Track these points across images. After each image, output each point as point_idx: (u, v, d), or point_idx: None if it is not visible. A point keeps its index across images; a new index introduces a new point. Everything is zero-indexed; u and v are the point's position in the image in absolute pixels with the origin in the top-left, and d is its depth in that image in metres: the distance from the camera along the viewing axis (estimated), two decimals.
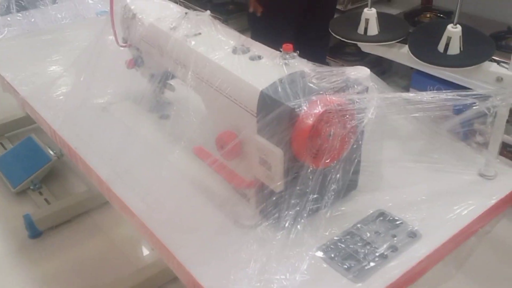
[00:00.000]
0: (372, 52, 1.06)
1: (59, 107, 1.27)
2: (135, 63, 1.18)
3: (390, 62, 2.38)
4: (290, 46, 0.87)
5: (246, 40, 0.97)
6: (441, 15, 2.43)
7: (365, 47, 1.06)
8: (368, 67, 0.89)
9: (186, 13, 1.05)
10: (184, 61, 1.00)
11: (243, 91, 0.87)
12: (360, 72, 0.91)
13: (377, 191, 0.98)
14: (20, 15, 1.65)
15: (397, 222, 0.91)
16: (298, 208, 0.85)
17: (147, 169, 1.07)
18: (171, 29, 1.03)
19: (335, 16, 2.28)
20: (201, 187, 1.03)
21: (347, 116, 0.81)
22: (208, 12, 1.06)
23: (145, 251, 2.02)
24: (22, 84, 1.42)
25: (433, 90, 1.68)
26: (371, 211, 0.94)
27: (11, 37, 1.65)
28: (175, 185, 1.04)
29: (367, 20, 1.03)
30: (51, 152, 2.33)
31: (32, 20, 1.66)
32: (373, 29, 1.04)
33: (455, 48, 0.98)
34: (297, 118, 0.79)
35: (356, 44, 1.06)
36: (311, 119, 0.78)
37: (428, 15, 2.47)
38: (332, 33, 1.08)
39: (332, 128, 0.81)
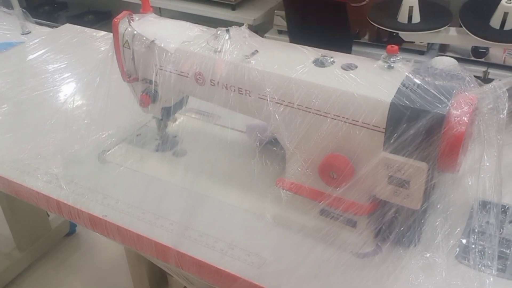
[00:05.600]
0: (416, 40, 1.01)
1: (52, 171, 1.01)
2: (151, 98, 0.97)
3: None
4: (395, 48, 0.78)
5: (317, 51, 0.85)
6: None
7: (409, 36, 1.00)
8: None
9: (227, 30, 0.89)
10: (249, 86, 0.85)
11: (360, 107, 0.76)
12: (451, 64, 0.85)
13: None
14: None
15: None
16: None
17: (205, 217, 0.92)
18: (216, 52, 0.87)
19: None
20: (286, 223, 0.90)
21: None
22: (246, 24, 0.91)
23: None
24: None
25: None
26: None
27: None
28: (251, 226, 0.90)
29: (411, 8, 0.98)
30: None
31: None
32: (416, 17, 0.99)
33: None
34: (449, 125, 0.71)
35: None
36: (464, 123, 0.71)
37: None
38: (371, 22, 1.01)
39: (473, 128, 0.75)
